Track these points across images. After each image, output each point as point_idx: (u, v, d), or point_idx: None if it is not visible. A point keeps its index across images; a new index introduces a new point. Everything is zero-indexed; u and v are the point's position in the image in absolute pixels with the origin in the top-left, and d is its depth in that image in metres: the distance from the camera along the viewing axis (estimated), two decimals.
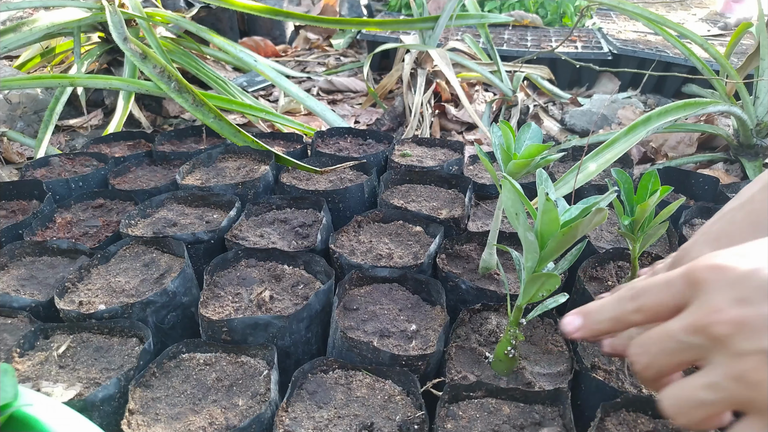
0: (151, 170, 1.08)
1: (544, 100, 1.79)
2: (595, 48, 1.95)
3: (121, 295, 0.70)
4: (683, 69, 1.73)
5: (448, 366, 0.63)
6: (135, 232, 0.84)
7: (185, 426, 0.55)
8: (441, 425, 0.55)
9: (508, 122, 0.68)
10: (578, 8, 2.42)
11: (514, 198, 0.54)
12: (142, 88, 1.17)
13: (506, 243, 0.85)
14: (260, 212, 0.91)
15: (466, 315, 0.70)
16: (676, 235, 0.86)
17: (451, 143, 1.17)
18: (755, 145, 1.19)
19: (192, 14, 1.84)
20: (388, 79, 1.69)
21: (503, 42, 2.03)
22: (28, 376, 0.59)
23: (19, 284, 0.74)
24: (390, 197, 0.95)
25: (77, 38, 1.45)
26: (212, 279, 0.73)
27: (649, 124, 0.95)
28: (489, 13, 1.88)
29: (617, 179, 0.68)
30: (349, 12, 2.53)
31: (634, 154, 1.36)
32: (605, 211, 0.50)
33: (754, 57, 1.19)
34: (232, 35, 2.18)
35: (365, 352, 0.62)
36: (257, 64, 1.44)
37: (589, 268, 0.78)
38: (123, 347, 0.64)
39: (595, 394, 0.60)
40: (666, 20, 1.22)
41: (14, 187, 0.95)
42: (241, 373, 0.61)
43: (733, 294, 0.36)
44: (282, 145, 1.18)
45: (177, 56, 1.46)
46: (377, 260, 0.78)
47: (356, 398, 0.59)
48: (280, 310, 0.69)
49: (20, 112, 1.45)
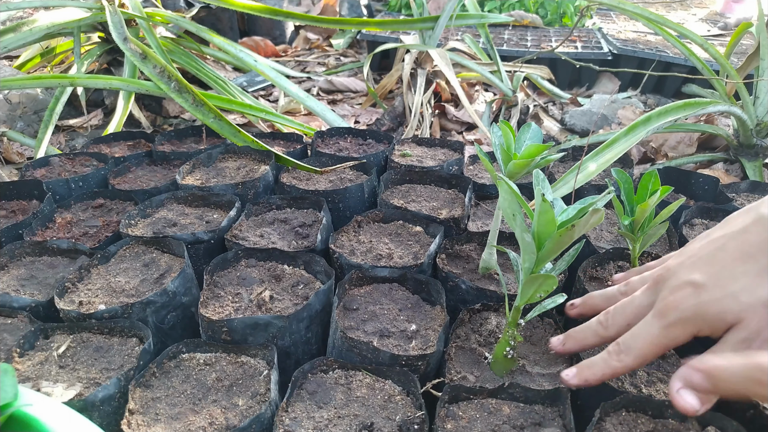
0: (151, 170, 1.08)
1: (544, 100, 1.79)
2: (595, 48, 1.95)
3: (121, 295, 0.70)
4: (683, 69, 1.73)
5: (447, 366, 0.63)
6: (135, 232, 0.84)
7: (185, 426, 0.55)
8: (441, 425, 0.55)
9: (508, 122, 0.68)
10: (578, 8, 2.42)
11: (511, 199, 0.54)
12: (142, 88, 1.17)
13: (506, 243, 0.85)
14: (260, 212, 0.91)
15: (465, 315, 0.70)
16: (676, 235, 0.86)
17: (451, 143, 1.17)
18: (755, 145, 1.19)
19: (192, 14, 1.84)
20: (388, 79, 1.69)
21: (503, 42, 2.03)
22: (28, 376, 0.59)
23: (19, 284, 0.74)
24: (390, 197, 0.95)
25: (77, 38, 1.45)
26: (212, 279, 0.73)
27: (649, 124, 0.95)
28: (489, 13, 1.89)
29: (617, 179, 0.68)
30: (349, 12, 2.53)
31: (634, 154, 1.36)
32: (602, 211, 0.50)
33: (754, 57, 1.19)
34: (232, 35, 2.19)
35: (365, 352, 0.62)
36: (257, 64, 1.45)
37: (589, 268, 0.78)
38: (123, 347, 0.64)
39: (595, 394, 0.60)
40: (666, 20, 1.22)
41: (14, 187, 0.95)
42: (241, 373, 0.61)
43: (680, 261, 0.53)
44: (282, 145, 1.18)
45: (177, 56, 1.46)
46: (377, 260, 0.78)
47: (356, 398, 0.59)
48: (280, 310, 0.69)
49: (20, 112, 1.45)
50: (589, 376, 0.55)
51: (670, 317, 0.50)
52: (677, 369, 0.48)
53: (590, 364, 0.55)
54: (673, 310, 0.50)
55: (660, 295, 0.53)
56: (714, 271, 0.49)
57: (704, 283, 0.49)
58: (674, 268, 0.53)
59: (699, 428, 0.55)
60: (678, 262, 0.54)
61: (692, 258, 0.53)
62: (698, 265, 0.51)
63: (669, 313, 0.50)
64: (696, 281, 0.50)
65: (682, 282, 0.51)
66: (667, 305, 0.51)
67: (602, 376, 0.54)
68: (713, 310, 0.48)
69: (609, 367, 0.53)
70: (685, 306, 0.49)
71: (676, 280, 0.51)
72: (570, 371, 0.56)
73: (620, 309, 0.57)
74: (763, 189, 1.01)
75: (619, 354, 0.53)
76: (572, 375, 0.56)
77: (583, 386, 0.56)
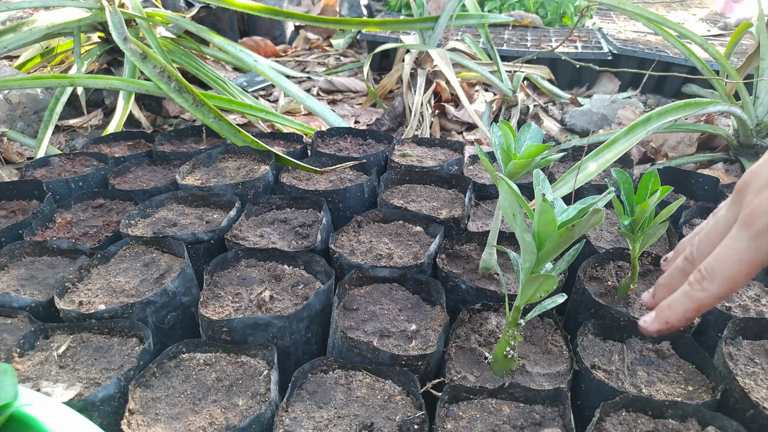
0: (151, 170, 1.08)
1: (544, 100, 1.79)
2: (595, 48, 1.95)
3: (121, 295, 0.70)
4: (683, 69, 1.73)
5: (447, 366, 0.63)
6: (135, 232, 0.84)
7: (185, 426, 0.55)
8: (441, 425, 0.55)
9: (508, 122, 0.68)
10: (578, 8, 2.42)
11: (511, 199, 0.54)
12: (142, 88, 1.17)
13: (506, 243, 0.85)
14: (260, 212, 0.91)
15: (465, 315, 0.70)
16: (676, 235, 0.86)
17: (451, 143, 1.17)
18: (755, 145, 1.19)
19: (192, 14, 1.84)
20: (388, 79, 1.69)
21: (503, 42, 2.03)
22: (28, 376, 0.59)
23: (19, 284, 0.74)
24: (390, 197, 0.95)
25: (77, 38, 1.45)
26: (212, 279, 0.73)
27: (649, 124, 0.95)
28: (489, 13, 1.89)
29: (617, 179, 0.68)
30: (349, 12, 2.53)
31: (634, 154, 1.36)
32: (602, 211, 0.50)
33: (754, 57, 1.19)
34: (232, 35, 2.19)
35: (365, 352, 0.62)
36: (257, 64, 1.45)
37: (589, 267, 0.78)
38: (123, 347, 0.64)
39: (595, 394, 0.60)
40: (666, 20, 1.22)
41: (14, 187, 0.95)
42: (241, 373, 0.61)
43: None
44: (282, 145, 1.18)
45: (177, 56, 1.46)
46: (377, 260, 0.78)
47: (356, 398, 0.59)
48: (280, 310, 0.69)
49: (20, 112, 1.45)
50: (670, 316, 0.47)
51: (759, 224, 0.41)
52: None
53: (670, 303, 0.47)
54: (760, 215, 0.41)
55: (744, 201, 0.44)
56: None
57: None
58: (757, 169, 0.45)
59: (699, 428, 0.55)
60: (758, 164, 0.45)
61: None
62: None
63: (756, 220, 0.42)
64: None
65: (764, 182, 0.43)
66: (752, 210, 0.42)
67: (685, 313, 0.46)
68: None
69: (692, 300, 0.45)
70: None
71: (759, 182, 0.43)
72: (648, 316, 0.49)
73: (705, 235, 0.49)
74: None
75: (702, 282, 0.45)
76: (651, 320, 0.49)
77: (665, 331, 0.49)
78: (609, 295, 0.74)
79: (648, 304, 0.55)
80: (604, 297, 0.73)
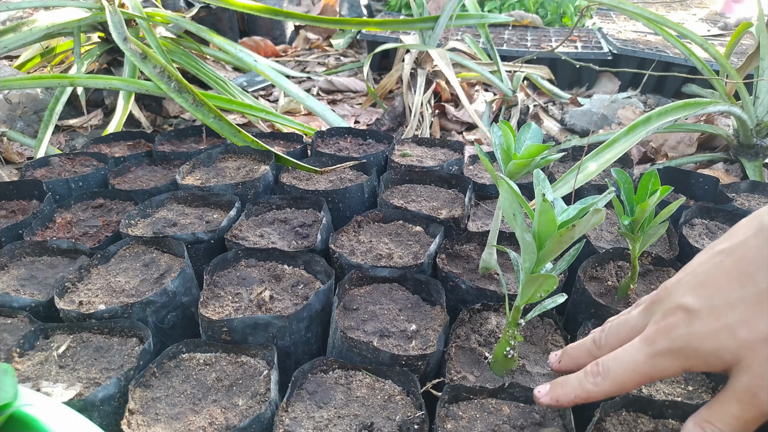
0: (151, 170, 1.08)
1: (544, 100, 1.79)
2: (595, 48, 1.95)
3: (121, 295, 0.70)
4: (683, 69, 1.73)
5: (447, 366, 0.63)
6: (135, 232, 0.84)
7: (185, 426, 0.55)
8: (441, 425, 0.55)
9: (508, 122, 0.68)
10: (578, 8, 2.43)
11: (511, 199, 0.54)
12: (142, 88, 1.17)
13: (506, 243, 0.85)
14: (260, 212, 0.91)
15: (466, 315, 0.70)
16: (676, 235, 0.86)
17: (451, 143, 1.17)
18: (755, 145, 1.19)
19: (192, 14, 1.84)
20: (388, 79, 1.69)
21: (503, 42, 2.03)
22: (28, 376, 0.59)
23: (19, 284, 0.74)
24: (390, 197, 0.95)
25: (77, 38, 1.45)
26: (212, 279, 0.73)
27: (649, 124, 0.95)
28: (489, 13, 1.88)
29: (617, 179, 0.68)
30: (349, 12, 2.53)
31: (634, 154, 1.36)
32: (603, 211, 0.50)
33: (754, 57, 1.19)
34: (232, 35, 2.19)
35: (365, 352, 0.62)
36: (257, 64, 1.45)
37: (589, 268, 0.78)
38: (123, 347, 0.64)
39: None
40: (666, 20, 1.22)
41: (14, 187, 0.95)
42: (241, 373, 0.61)
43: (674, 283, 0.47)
44: (282, 145, 1.18)
45: (177, 56, 1.46)
46: (377, 260, 0.78)
47: (356, 398, 0.59)
48: (280, 310, 0.69)
49: (20, 112, 1.45)
50: (561, 397, 0.50)
51: (658, 345, 0.44)
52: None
53: (563, 383, 0.50)
54: (662, 338, 0.44)
55: (652, 318, 0.47)
56: (708, 294, 0.43)
57: (698, 309, 0.43)
58: (671, 287, 0.47)
59: None
60: (676, 280, 0.47)
61: (690, 276, 0.46)
62: (693, 286, 0.44)
63: (657, 341, 0.44)
64: (689, 306, 0.43)
65: (674, 305, 0.45)
66: (656, 331, 0.45)
67: (574, 398, 0.49)
68: (707, 346, 0.42)
69: (583, 390, 0.48)
70: (676, 335, 0.43)
71: (670, 303, 0.45)
72: (543, 388, 0.52)
73: (614, 328, 0.52)
74: (763, 189, 1.01)
75: (596, 376, 0.48)
76: (544, 393, 0.51)
77: (554, 407, 0.51)
78: (609, 295, 0.74)
79: (552, 365, 0.58)
80: (604, 297, 0.73)
